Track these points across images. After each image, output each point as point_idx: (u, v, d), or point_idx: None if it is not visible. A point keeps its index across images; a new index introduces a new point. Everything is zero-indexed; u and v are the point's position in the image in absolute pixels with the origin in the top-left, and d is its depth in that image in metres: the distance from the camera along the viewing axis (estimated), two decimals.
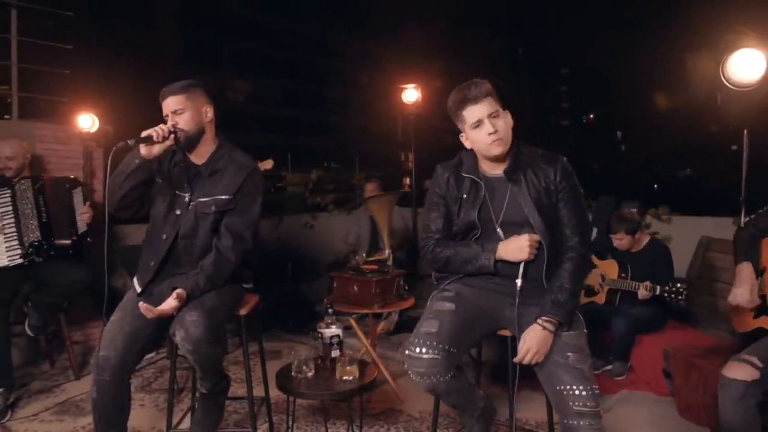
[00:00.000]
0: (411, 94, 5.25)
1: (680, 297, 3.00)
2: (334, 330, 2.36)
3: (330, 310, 2.43)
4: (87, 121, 3.82)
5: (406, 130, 5.59)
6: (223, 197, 2.11)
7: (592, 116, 40.68)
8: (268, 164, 3.31)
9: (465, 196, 1.95)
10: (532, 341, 1.77)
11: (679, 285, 3.04)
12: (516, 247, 1.85)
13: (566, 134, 39.66)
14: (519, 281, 1.85)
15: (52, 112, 4.20)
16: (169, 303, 1.97)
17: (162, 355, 3.60)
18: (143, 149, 2.00)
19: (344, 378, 2.23)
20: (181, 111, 2.09)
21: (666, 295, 3.04)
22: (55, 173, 3.55)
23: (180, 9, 30.52)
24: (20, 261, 3.06)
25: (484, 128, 1.85)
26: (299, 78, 35.75)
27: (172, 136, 2.04)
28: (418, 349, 1.78)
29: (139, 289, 2.13)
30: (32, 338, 3.38)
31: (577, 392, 1.71)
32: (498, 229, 1.91)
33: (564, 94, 42.27)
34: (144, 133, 1.99)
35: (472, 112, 1.86)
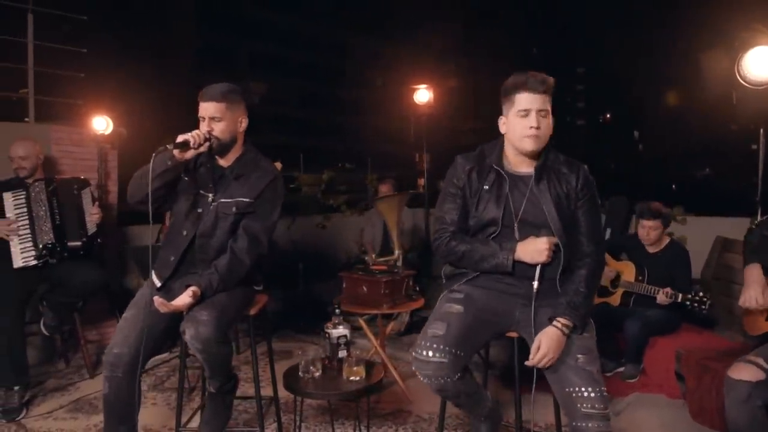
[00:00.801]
0: (423, 95, 5.25)
1: (704, 306, 2.93)
2: (341, 330, 2.36)
3: (338, 311, 2.43)
4: (101, 124, 3.88)
5: (419, 130, 5.59)
6: (245, 200, 2.15)
7: (608, 116, 40.27)
8: (276, 166, 3.32)
9: (486, 187, 1.91)
10: (549, 344, 1.76)
11: (702, 294, 2.96)
12: (534, 249, 1.83)
13: (582, 134, 39.31)
14: (536, 283, 1.84)
15: (68, 114, 4.27)
16: (183, 299, 2.00)
17: (175, 355, 3.63)
18: (176, 152, 2.03)
19: (351, 378, 2.23)
20: (218, 119, 2.11)
21: (689, 303, 2.97)
22: (70, 175, 3.58)
23: (195, 11, 30.81)
24: (34, 263, 3.09)
25: (528, 120, 1.83)
26: (313, 79, 35.88)
27: (207, 143, 2.08)
28: (425, 353, 1.77)
29: (158, 284, 2.16)
30: (48, 337, 3.44)
31: (585, 394, 1.69)
32: (515, 228, 1.89)
33: (579, 94, 41.88)
34: (180, 138, 2.02)
35: (525, 99, 1.83)
